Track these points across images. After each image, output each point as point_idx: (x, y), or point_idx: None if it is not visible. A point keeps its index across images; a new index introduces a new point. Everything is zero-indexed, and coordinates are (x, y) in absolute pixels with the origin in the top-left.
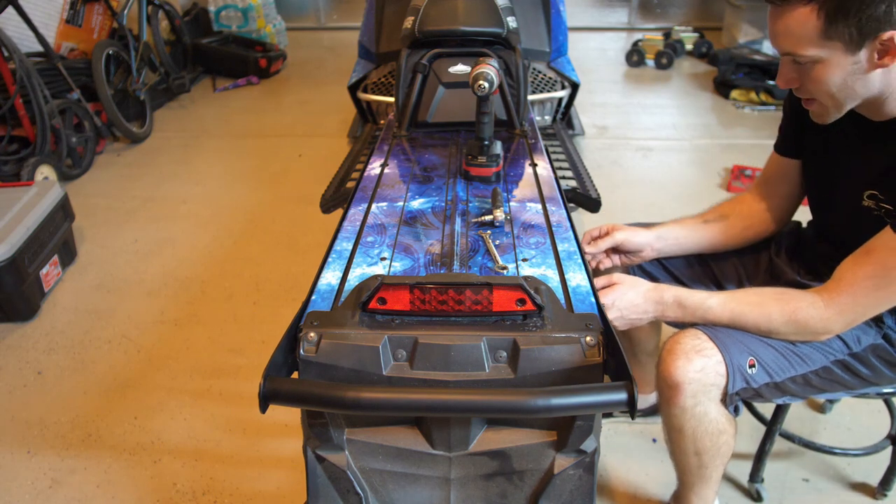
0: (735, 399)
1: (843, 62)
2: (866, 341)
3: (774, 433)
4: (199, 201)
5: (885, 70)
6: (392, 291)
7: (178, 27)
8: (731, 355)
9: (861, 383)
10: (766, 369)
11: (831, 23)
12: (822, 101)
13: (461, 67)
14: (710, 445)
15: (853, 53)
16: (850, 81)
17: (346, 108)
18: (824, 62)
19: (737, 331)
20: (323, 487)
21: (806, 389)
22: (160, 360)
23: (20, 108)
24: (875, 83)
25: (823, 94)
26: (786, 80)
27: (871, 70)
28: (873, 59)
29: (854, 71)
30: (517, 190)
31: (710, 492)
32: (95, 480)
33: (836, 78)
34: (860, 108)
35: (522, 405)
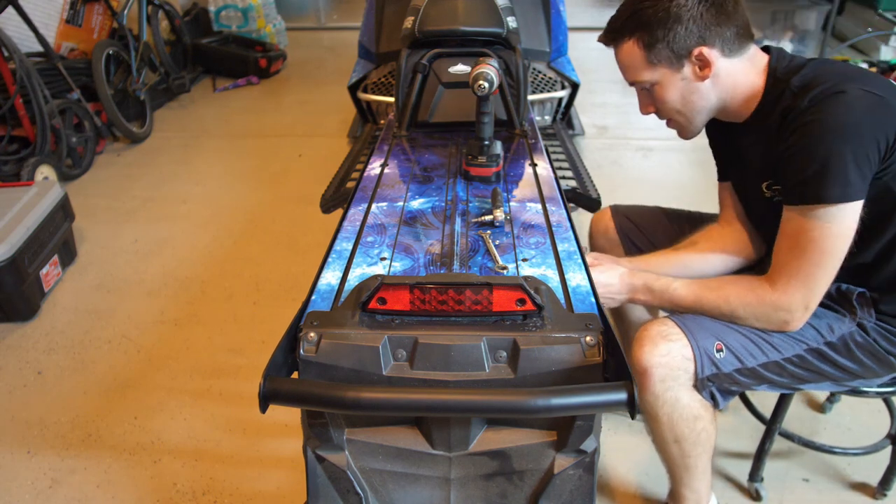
0: (708, 385)
1: (674, 80)
2: (840, 330)
3: (774, 432)
4: (199, 201)
5: (712, 81)
6: (392, 291)
7: (178, 27)
8: (697, 339)
9: (844, 374)
10: (735, 353)
11: (650, 50)
12: (675, 119)
13: (461, 67)
14: (688, 432)
15: (679, 71)
16: (686, 95)
17: (346, 108)
18: (660, 84)
19: (705, 318)
20: (323, 487)
21: (785, 377)
22: (160, 360)
23: (20, 108)
24: (710, 93)
25: (672, 111)
26: (644, 107)
27: (699, 82)
28: (696, 72)
29: (686, 86)
30: (517, 190)
31: (701, 484)
32: (95, 480)
33: (674, 95)
34: (722, 116)
35: (522, 405)
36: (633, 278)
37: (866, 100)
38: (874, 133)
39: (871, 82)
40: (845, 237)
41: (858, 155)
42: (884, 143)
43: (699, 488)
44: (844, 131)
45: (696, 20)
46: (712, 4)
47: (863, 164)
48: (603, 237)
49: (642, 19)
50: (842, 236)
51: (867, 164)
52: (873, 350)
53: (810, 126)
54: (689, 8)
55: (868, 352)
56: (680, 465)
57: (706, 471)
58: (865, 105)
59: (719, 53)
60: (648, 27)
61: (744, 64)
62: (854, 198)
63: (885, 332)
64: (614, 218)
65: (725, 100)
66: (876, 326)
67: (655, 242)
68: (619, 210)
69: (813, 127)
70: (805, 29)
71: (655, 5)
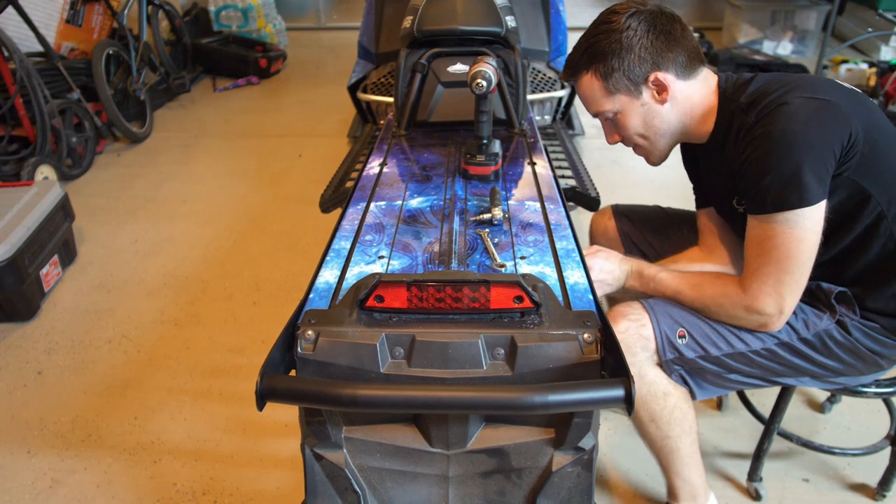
0: (673, 367)
1: (635, 107)
2: (817, 327)
3: (773, 432)
4: (199, 201)
5: (671, 104)
6: (390, 289)
7: (178, 27)
8: (660, 323)
9: (825, 371)
10: (697, 342)
11: (608, 80)
12: (641, 144)
13: (460, 67)
14: (659, 409)
15: (638, 98)
16: (648, 120)
17: (346, 108)
18: (622, 112)
19: (676, 305)
20: (321, 485)
21: (755, 369)
22: (160, 360)
23: (20, 108)
24: (670, 116)
25: (635, 137)
26: (610, 137)
27: (658, 105)
28: (654, 97)
29: (646, 111)
30: (516, 189)
31: (692, 472)
32: (95, 480)
33: (636, 121)
34: (687, 139)
35: (520, 402)
36: (629, 262)
37: (809, 106)
38: (822, 136)
39: (815, 88)
40: (810, 241)
41: (810, 160)
42: (837, 144)
43: (690, 477)
44: (792, 140)
45: (647, 48)
46: (661, 32)
47: (817, 168)
48: (603, 237)
49: (597, 52)
50: (805, 240)
51: (822, 167)
52: (854, 349)
53: (759, 140)
54: (639, 37)
55: (849, 350)
56: (664, 448)
57: (693, 457)
58: (809, 111)
59: (674, 77)
60: (603, 59)
61: (698, 85)
62: (812, 201)
63: (868, 331)
64: (614, 218)
65: (685, 121)
66: (859, 325)
67: (654, 243)
68: (619, 210)
69: (762, 140)
70: (805, 29)
71: (608, 38)
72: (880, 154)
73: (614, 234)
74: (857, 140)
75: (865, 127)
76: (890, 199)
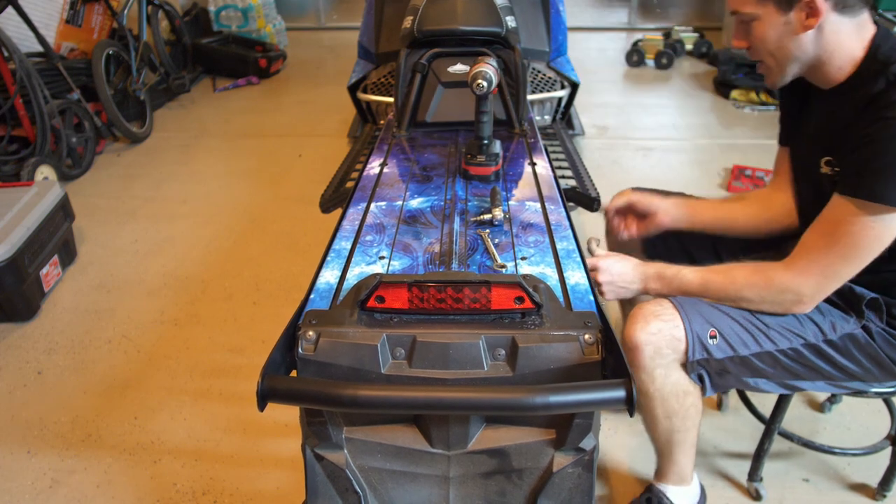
0: (697, 368)
1: (777, 21)
2: (843, 329)
3: (773, 431)
4: (199, 201)
5: (815, 33)
6: (390, 290)
7: (178, 27)
8: (692, 323)
9: (842, 375)
10: (728, 341)
11: None
12: (766, 62)
13: (460, 67)
14: (678, 407)
15: (785, 13)
16: (785, 41)
17: (346, 108)
18: (761, 20)
19: (706, 303)
20: (322, 486)
21: (778, 370)
22: (160, 360)
23: (20, 108)
24: (808, 45)
25: (765, 52)
26: (737, 39)
27: (801, 31)
28: (802, 19)
29: (787, 31)
30: (516, 189)
31: (686, 458)
32: (95, 480)
33: (772, 36)
34: (810, 76)
35: (521, 403)
36: (646, 266)
37: None
38: None
39: None
40: (882, 242)
41: None
42: None
43: (682, 462)
44: None
45: None
46: None
47: None
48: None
49: None
50: (879, 240)
51: None
52: (875, 354)
53: (892, 122)
54: None
55: (869, 355)
56: (670, 440)
57: (692, 446)
58: None
59: (832, 6)
60: None
61: (852, 27)
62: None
63: (891, 339)
64: None
65: (822, 58)
66: (884, 332)
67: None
68: None
69: (886, 122)
70: None
71: None
72: None
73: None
74: None
75: None
76: None
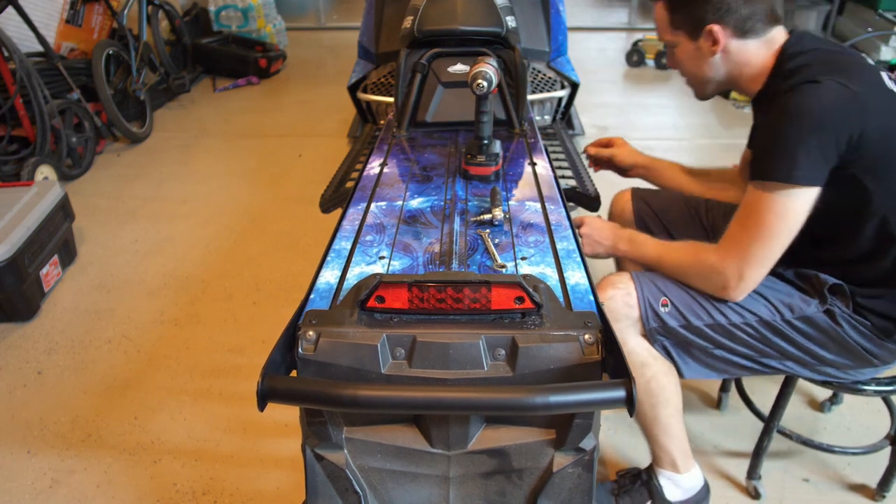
0: (657, 337)
1: (690, 48)
2: (803, 311)
3: (772, 429)
4: (199, 201)
5: (722, 55)
6: (390, 290)
7: (178, 27)
8: (644, 290)
9: (808, 357)
10: (679, 309)
11: (673, 15)
12: (689, 80)
13: (460, 67)
14: (638, 378)
15: (694, 41)
16: (699, 64)
17: (346, 108)
18: (679, 47)
19: (661, 276)
20: (322, 486)
21: (740, 346)
22: (160, 360)
23: (20, 108)
24: (719, 66)
25: (686, 73)
26: (669, 62)
27: (709, 56)
28: (708, 46)
29: (698, 56)
30: (516, 189)
31: (671, 442)
32: (95, 480)
33: (688, 60)
34: (735, 88)
35: (521, 403)
36: (622, 231)
37: (837, 93)
38: (835, 125)
39: (855, 77)
40: (788, 220)
41: (811, 142)
42: (845, 137)
43: (669, 447)
44: (804, 118)
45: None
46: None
47: (815, 153)
48: (619, 218)
49: None
50: (784, 218)
51: (820, 153)
52: (842, 341)
53: (779, 108)
54: None
55: (835, 341)
56: (641, 416)
57: (672, 428)
58: (834, 97)
59: (731, 34)
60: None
61: (757, 45)
62: (801, 182)
63: (858, 326)
64: (633, 200)
65: (733, 74)
66: (850, 318)
67: (671, 229)
68: (638, 193)
69: (781, 109)
70: (805, 29)
71: None
72: None
73: (630, 215)
74: (868, 140)
75: (885, 131)
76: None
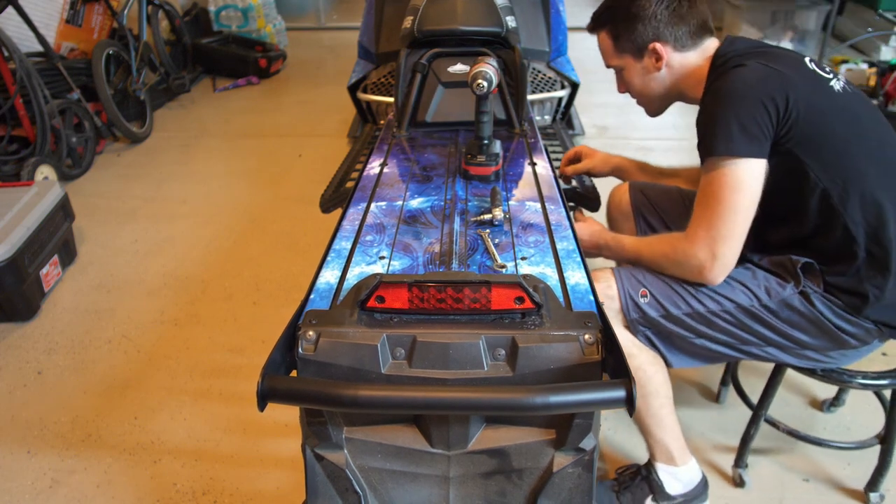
0: (639, 328)
1: (636, 68)
2: (780, 295)
3: (759, 418)
4: (199, 201)
5: (666, 69)
6: (391, 290)
7: (178, 27)
8: (623, 283)
9: (788, 342)
10: (658, 300)
11: (616, 41)
12: (640, 100)
13: (460, 67)
14: None
15: (640, 61)
16: (646, 81)
17: (346, 108)
18: (627, 69)
19: (642, 269)
20: (322, 486)
21: (720, 334)
22: (160, 360)
23: (20, 108)
24: (665, 80)
25: (636, 93)
26: (619, 87)
27: (654, 72)
28: (652, 63)
29: (645, 73)
30: (516, 189)
31: (664, 434)
32: (95, 480)
33: (636, 80)
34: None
35: (521, 403)
36: (606, 233)
37: (760, 71)
38: (760, 96)
39: (779, 60)
40: (744, 192)
41: (743, 116)
42: (773, 108)
43: (664, 440)
44: (731, 94)
45: (652, 20)
46: (666, 7)
47: (749, 125)
48: (616, 209)
49: (612, 16)
50: (738, 191)
51: (755, 125)
52: (818, 321)
53: (709, 94)
54: (647, 9)
55: (812, 322)
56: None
57: (663, 420)
58: (757, 75)
59: (672, 48)
60: (615, 23)
61: (696, 55)
62: (741, 153)
63: (831, 305)
64: (630, 191)
65: (679, 85)
66: (822, 298)
67: (667, 220)
68: (636, 185)
69: (711, 94)
70: (805, 29)
71: (623, 5)
72: (828, 138)
73: (627, 207)
74: (795, 114)
75: (811, 107)
76: (833, 182)
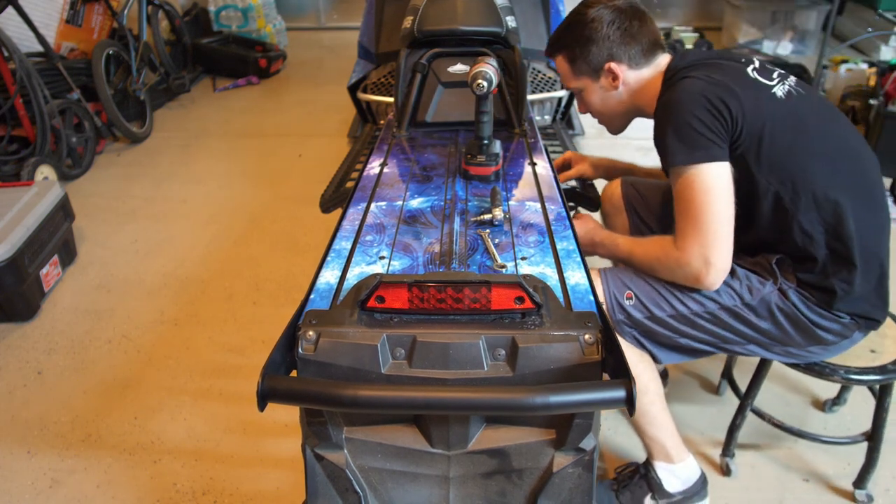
0: (625, 328)
1: (594, 87)
2: (760, 293)
3: (746, 408)
4: (199, 201)
5: (623, 87)
6: (391, 290)
7: (178, 27)
8: (610, 285)
9: (766, 339)
10: (643, 302)
11: (573, 64)
12: (601, 119)
13: (460, 67)
14: None
15: (597, 81)
16: (605, 100)
17: (346, 108)
18: (586, 90)
19: (627, 270)
20: (322, 486)
21: (703, 334)
22: (160, 360)
23: (20, 108)
24: (623, 97)
25: (597, 112)
26: (580, 108)
27: (612, 90)
28: (609, 82)
29: (603, 93)
30: (516, 189)
31: (658, 432)
32: (95, 480)
33: (596, 99)
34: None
35: (521, 403)
36: (601, 231)
37: (704, 81)
38: (705, 104)
39: (719, 71)
40: (716, 193)
41: (694, 123)
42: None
43: (659, 437)
44: (678, 105)
45: (605, 41)
46: (618, 28)
47: (702, 130)
48: (609, 202)
49: (567, 40)
50: (711, 192)
51: (708, 130)
52: (795, 317)
53: (659, 108)
54: (600, 32)
55: (789, 318)
56: None
57: (656, 417)
58: (701, 85)
59: (626, 67)
60: (570, 47)
61: (650, 71)
62: (699, 160)
63: (805, 300)
64: (622, 186)
65: (637, 102)
66: (796, 291)
67: (658, 214)
68: (627, 180)
69: (660, 108)
70: (805, 29)
71: (576, 30)
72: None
73: (619, 200)
74: (739, 121)
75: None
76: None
